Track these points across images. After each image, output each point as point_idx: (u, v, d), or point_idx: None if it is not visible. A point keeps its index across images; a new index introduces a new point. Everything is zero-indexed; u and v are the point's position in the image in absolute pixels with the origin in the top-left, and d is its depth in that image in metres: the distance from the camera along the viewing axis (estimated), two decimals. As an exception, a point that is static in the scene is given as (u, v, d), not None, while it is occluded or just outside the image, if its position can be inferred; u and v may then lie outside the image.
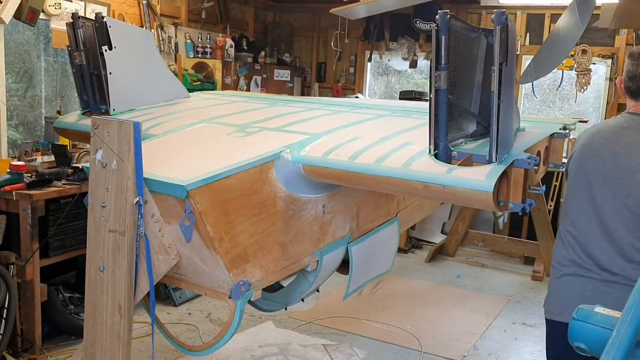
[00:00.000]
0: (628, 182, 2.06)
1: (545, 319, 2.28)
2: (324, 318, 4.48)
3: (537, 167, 2.14)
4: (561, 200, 6.19)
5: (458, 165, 1.81)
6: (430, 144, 1.86)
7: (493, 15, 1.70)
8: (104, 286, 1.97)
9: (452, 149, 1.87)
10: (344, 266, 2.53)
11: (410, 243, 6.50)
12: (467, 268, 6.00)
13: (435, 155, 1.85)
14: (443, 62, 1.75)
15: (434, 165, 1.81)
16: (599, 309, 0.95)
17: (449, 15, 1.72)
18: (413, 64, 6.97)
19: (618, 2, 3.55)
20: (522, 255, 6.22)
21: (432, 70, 1.77)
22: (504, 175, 1.76)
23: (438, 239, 6.62)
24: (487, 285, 5.53)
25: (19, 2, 4.13)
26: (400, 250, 6.17)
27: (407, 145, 1.99)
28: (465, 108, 1.95)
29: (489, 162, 1.78)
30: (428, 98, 1.84)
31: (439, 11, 1.74)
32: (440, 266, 6.03)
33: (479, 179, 1.71)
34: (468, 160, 1.85)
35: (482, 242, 6.37)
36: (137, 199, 1.88)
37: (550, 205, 6.10)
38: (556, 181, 6.18)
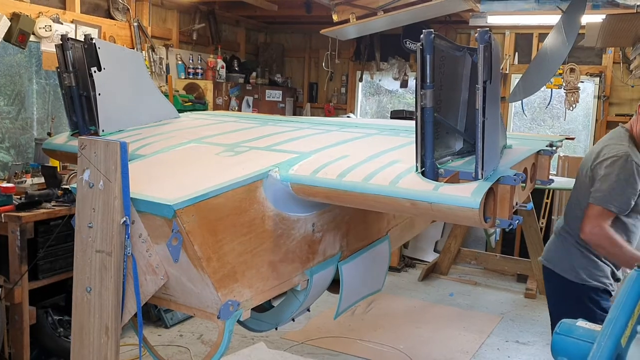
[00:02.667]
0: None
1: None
2: (316, 338, 4.44)
3: (523, 184, 2.16)
4: (552, 217, 6.21)
5: (445, 182, 1.82)
6: (417, 162, 1.87)
7: (476, 34, 1.72)
8: (90, 307, 1.96)
9: (438, 166, 1.89)
10: (335, 285, 2.52)
11: (403, 262, 6.48)
12: (460, 286, 5.98)
13: (423, 173, 1.86)
14: (428, 81, 1.77)
15: (421, 183, 1.82)
16: (580, 323, 0.95)
17: (433, 35, 1.74)
18: (404, 84, 7.02)
19: (602, 21, 3.61)
20: (514, 272, 6.21)
21: (418, 88, 1.79)
22: (491, 192, 1.77)
23: (431, 257, 6.61)
24: (480, 303, 5.52)
25: (9, 25, 4.15)
26: (393, 269, 6.16)
27: (394, 163, 2.00)
28: (451, 126, 1.97)
29: (475, 179, 1.79)
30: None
31: (423, 30, 1.76)
32: (433, 285, 6.01)
33: (465, 195, 1.72)
34: (455, 178, 1.86)
35: (474, 260, 6.37)
36: (124, 219, 1.87)
37: (542, 223, 6.12)
38: (547, 199, 6.21)
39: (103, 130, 2.65)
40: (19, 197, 3.52)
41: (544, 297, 5.58)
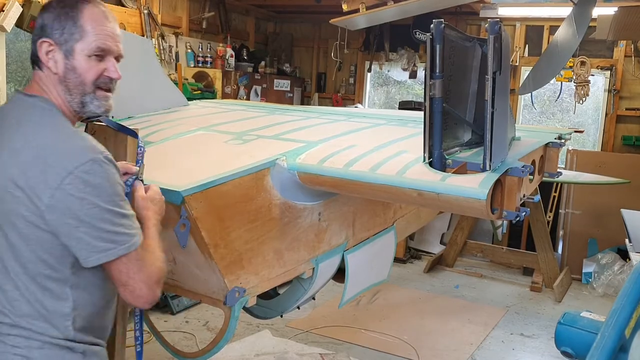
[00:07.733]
0: None
1: None
2: (321, 327, 4.47)
3: (531, 176, 2.16)
4: (560, 211, 6.19)
5: (452, 173, 1.82)
6: (424, 152, 1.87)
7: (486, 25, 1.71)
8: (99, 292, 1.97)
9: (446, 157, 1.89)
10: (340, 274, 2.53)
11: (409, 253, 6.49)
12: (465, 278, 5.99)
13: (430, 164, 1.86)
14: (438, 71, 1.77)
15: (428, 173, 1.82)
16: (585, 314, 0.96)
17: (443, 25, 1.74)
18: (413, 75, 6.99)
19: (614, 14, 3.58)
20: (520, 266, 6.21)
21: (427, 78, 1.79)
22: (498, 183, 1.77)
23: (437, 249, 6.61)
24: (485, 295, 5.52)
25: (20, 11, 4.17)
26: (399, 260, 6.17)
27: (402, 153, 2.00)
28: (459, 116, 1.97)
29: (483, 170, 1.79)
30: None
31: (433, 20, 1.76)
32: (438, 276, 6.02)
33: (472, 186, 1.72)
34: (462, 169, 1.86)
35: (481, 252, 6.36)
36: (133, 204, 1.88)
37: (549, 216, 6.11)
38: (555, 192, 6.19)
39: (112, 117, 2.66)
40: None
41: (549, 290, 5.63)
